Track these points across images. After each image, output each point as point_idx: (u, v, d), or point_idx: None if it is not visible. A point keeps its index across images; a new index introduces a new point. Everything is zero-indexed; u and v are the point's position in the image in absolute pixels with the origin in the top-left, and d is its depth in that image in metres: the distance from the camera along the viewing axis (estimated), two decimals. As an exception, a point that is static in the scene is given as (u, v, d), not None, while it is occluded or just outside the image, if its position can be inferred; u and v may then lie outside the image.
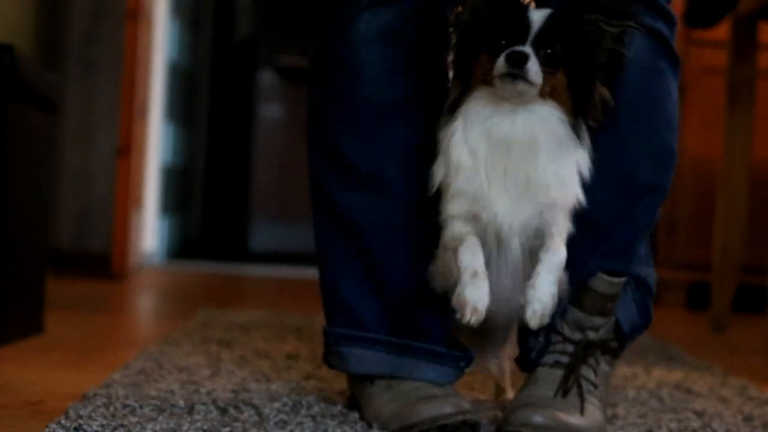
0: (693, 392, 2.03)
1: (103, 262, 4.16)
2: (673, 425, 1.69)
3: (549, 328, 1.63)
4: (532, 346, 1.67)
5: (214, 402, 1.65)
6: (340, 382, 1.90)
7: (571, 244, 1.53)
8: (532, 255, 1.52)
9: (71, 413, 1.51)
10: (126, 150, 4.22)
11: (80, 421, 1.45)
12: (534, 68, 1.43)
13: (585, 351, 1.64)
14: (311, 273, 5.67)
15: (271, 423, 1.53)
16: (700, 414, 1.79)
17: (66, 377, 1.90)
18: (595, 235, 1.64)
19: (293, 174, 6.40)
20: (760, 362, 2.24)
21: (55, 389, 1.76)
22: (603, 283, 1.64)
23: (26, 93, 2.27)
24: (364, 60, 1.67)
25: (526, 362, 1.68)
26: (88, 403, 1.58)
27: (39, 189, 2.46)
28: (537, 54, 1.44)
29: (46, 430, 1.41)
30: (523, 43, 1.45)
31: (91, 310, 3.17)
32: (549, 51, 1.46)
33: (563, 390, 1.60)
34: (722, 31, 3.67)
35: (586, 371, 1.63)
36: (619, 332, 1.68)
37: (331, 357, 1.70)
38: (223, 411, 1.59)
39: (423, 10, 1.67)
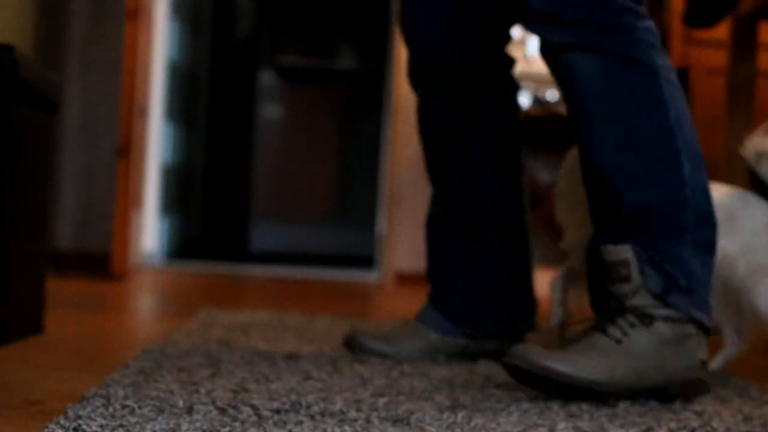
0: (693, 392, 2.03)
1: (103, 262, 4.16)
2: (673, 425, 1.69)
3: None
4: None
5: (213, 402, 1.65)
6: (340, 382, 1.90)
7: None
8: None
9: (70, 413, 1.51)
10: (126, 150, 4.22)
11: (79, 422, 1.45)
12: None
13: (613, 314, 1.85)
14: (311, 273, 5.70)
15: (270, 423, 1.53)
16: (699, 414, 1.79)
17: (66, 377, 1.90)
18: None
19: (293, 174, 6.40)
20: (760, 362, 2.24)
21: (55, 389, 1.76)
22: (607, 253, 1.86)
23: (26, 93, 2.27)
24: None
25: None
26: (88, 404, 1.58)
27: (39, 189, 2.46)
28: None
29: (46, 430, 1.41)
30: None
31: (91, 310, 3.18)
32: None
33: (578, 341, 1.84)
34: (722, 31, 3.67)
35: (612, 330, 1.83)
36: (655, 296, 1.85)
37: None
38: (223, 411, 1.59)
39: None
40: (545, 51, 1.94)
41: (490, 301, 2.33)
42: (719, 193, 2.09)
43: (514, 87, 2.37)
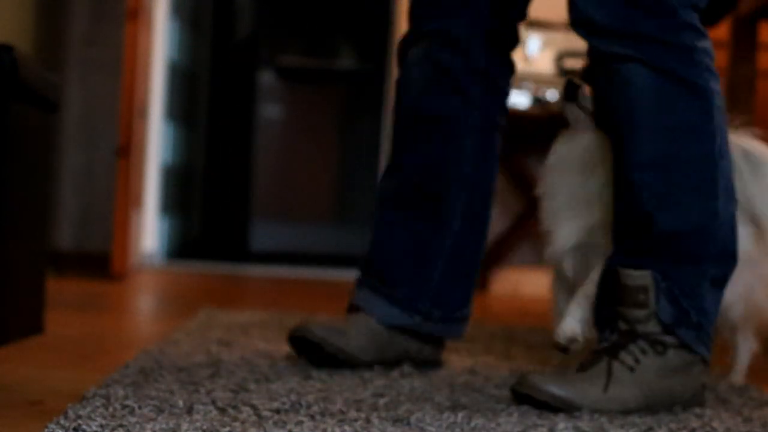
0: (693, 392, 2.02)
1: (103, 262, 4.16)
2: (673, 425, 1.69)
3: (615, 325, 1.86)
4: (604, 338, 1.88)
5: (213, 402, 1.65)
6: (340, 382, 1.90)
7: None
8: None
9: (70, 413, 1.51)
10: (126, 150, 4.22)
11: (79, 421, 1.45)
12: None
13: (625, 339, 1.82)
14: (311, 273, 5.69)
15: (270, 423, 1.53)
16: (699, 415, 1.79)
17: (66, 377, 1.91)
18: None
19: (293, 174, 6.40)
20: (760, 362, 2.24)
21: (55, 389, 1.76)
22: (626, 276, 1.82)
23: (26, 93, 2.27)
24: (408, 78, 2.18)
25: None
26: (88, 403, 1.58)
27: (39, 189, 2.46)
28: None
29: (45, 430, 1.41)
30: None
31: (91, 310, 3.18)
32: None
33: (587, 367, 1.81)
34: (722, 31, 3.67)
35: (624, 356, 1.81)
36: (665, 326, 1.83)
37: None
38: (223, 411, 1.59)
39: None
40: (597, 58, 1.87)
41: (439, 289, 2.19)
42: None
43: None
